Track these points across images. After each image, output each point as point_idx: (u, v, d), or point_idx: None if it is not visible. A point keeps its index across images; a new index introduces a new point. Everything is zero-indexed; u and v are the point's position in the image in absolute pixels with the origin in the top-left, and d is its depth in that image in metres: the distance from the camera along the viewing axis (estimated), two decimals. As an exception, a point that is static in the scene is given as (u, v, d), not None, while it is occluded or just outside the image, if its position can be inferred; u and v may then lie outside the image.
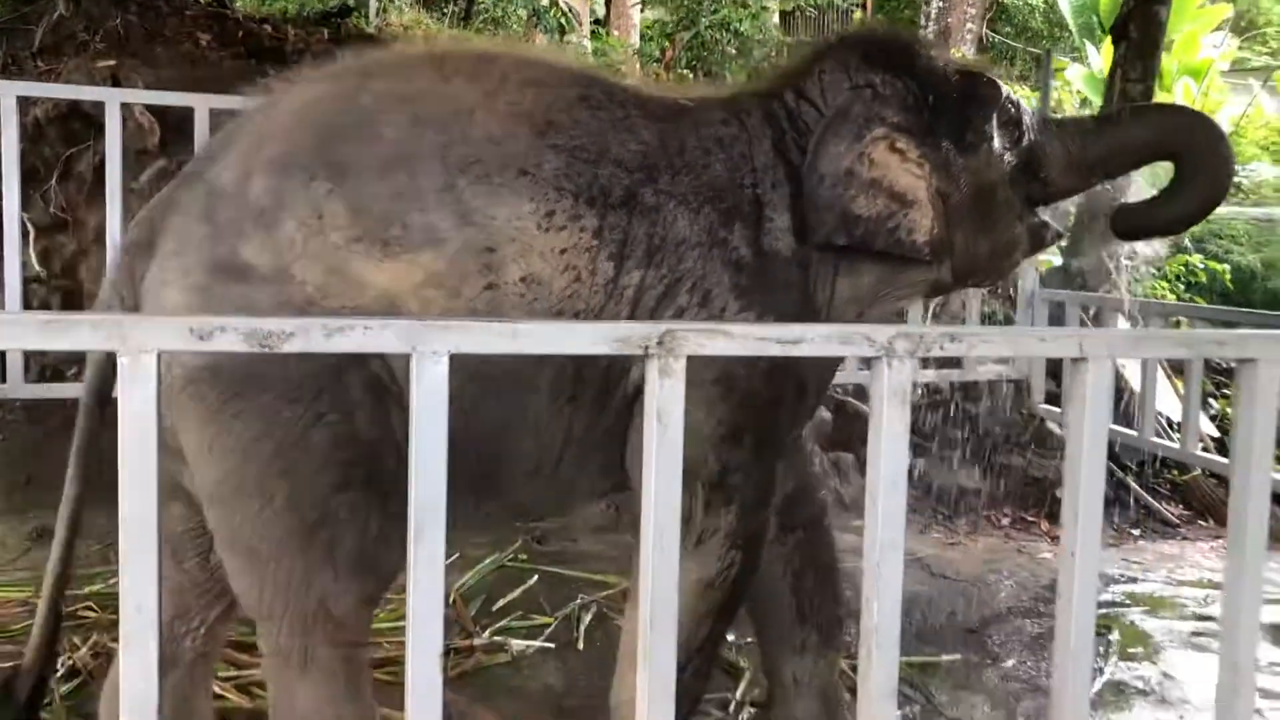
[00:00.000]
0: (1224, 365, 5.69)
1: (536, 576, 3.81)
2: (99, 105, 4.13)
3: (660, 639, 1.58)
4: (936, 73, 2.37)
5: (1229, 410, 5.67)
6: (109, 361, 1.91)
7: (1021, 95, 2.37)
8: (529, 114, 2.12)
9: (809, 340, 1.65)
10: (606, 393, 2.15)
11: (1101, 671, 3.31)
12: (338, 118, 2.08)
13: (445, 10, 8.70)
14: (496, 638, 3.25)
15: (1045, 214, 2.54)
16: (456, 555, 4.02)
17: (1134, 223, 2.53)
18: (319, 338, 1.42)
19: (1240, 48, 16.99)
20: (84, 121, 4.71)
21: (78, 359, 4.07)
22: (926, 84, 2.34)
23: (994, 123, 2.37)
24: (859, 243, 2.25)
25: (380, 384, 2.01)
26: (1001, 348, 1.70)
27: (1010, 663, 3.29)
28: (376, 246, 1.98)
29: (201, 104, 4.01)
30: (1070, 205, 2.74)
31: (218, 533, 2.06)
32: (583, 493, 2.49)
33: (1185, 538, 4.96)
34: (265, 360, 1.81)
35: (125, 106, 4.18)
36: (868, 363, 1.74)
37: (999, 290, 5.82)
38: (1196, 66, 14.17)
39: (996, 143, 2.37)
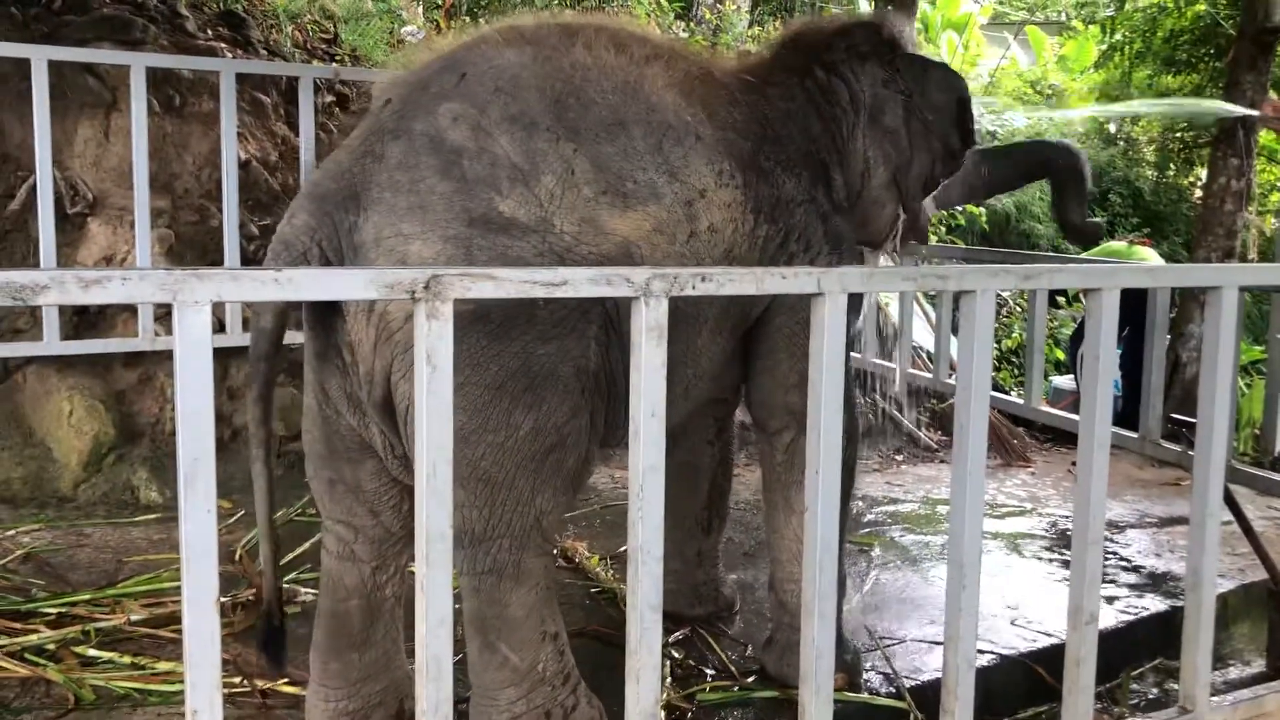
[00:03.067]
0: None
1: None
2: None
3: (435, 574, 1.65)
4: (916, 59, 2.90)
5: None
6: (280, 314, 2.12)
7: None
8: (679, 85, 2.45)
9: (573, 282, 1.74)
10: (741, 323, 2.58)
11: (864, 580, 3.59)
12: (555, 83, 2.28)
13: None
14: (285, 587, 3.24)
15: None
16: (242, 512, 3.98)
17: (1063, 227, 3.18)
18: (75, 290, 1.40)
19: (1000, 2, 18.01)
20: None
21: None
22: (923, 66, 2.87)
23: (956, 115, 2.84)
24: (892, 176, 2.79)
25: (611, 322, 2.26)
26: (748, 285, 1.84)
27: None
28: (619, 199, 2.24)
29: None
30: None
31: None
32: (699, 413, 2.85)
33: (943, 461, 5.37)
34: (525, 304, 2.05)
35: None
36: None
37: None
38: (958, 20, 15.00)
39: (942, 129, 2.84)
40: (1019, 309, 9.23)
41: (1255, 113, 2.95)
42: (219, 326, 4.32)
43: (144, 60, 4.20)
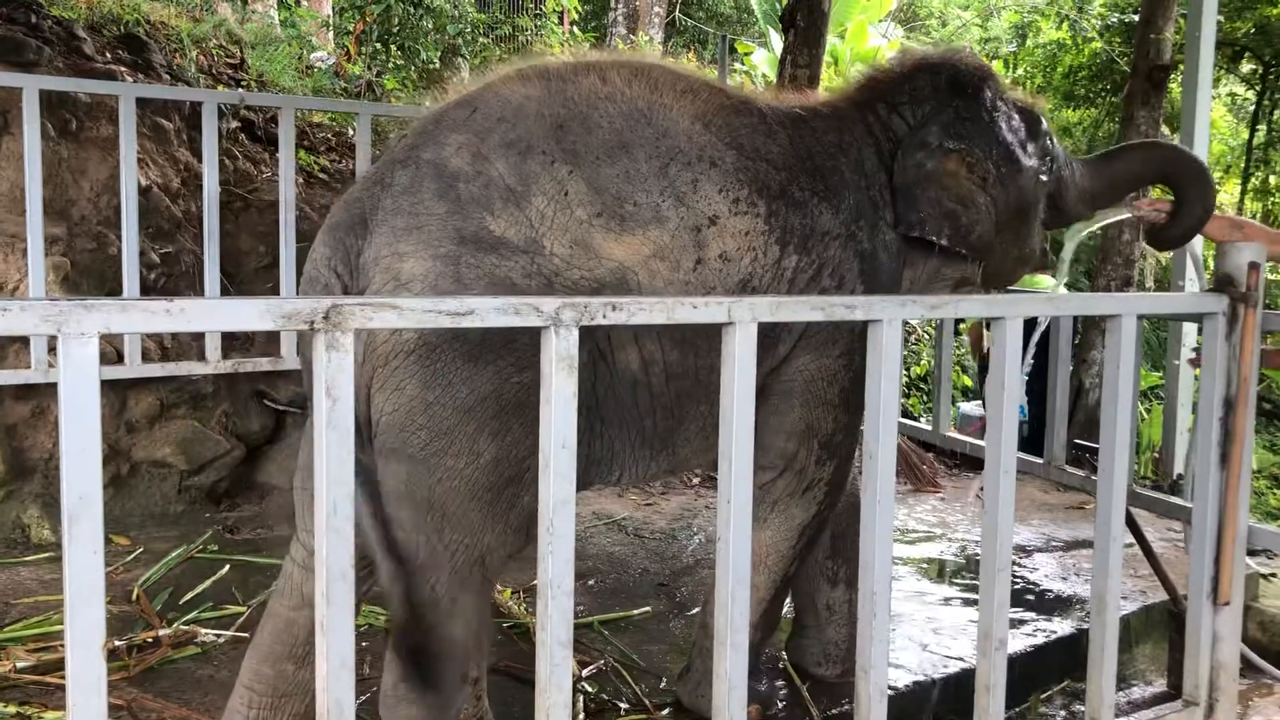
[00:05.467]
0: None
1: (228, 567, 3.70)
2: None
3: (335, 613, 1.60)
4: (1002, 102, 2.77)
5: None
6: None
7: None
8: (700, 114, 2.41)
9: (480, 311, 1.71)
10: (763, 359, 2.36)
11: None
12: (558, 110, 2.28)
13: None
14: (185, 629, 3.13)
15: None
16: (140, 550, 3.85)
17: (1162, 237, 3.01)
18: (-48, 320, 1.34)
19: (907, 36, 18.47)
20: None
21: None
22: (994, 111, 2.74)
23: (1039, 153, 2.81)
24: (927, 234, 2.61)
25: (602, 355, 2.26)
26: (657, 315, 1.83)
27: (694, 611, 3.50)
28: (615, 221, 2.21)
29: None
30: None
31: (399, 488, 2.16)
32: (715, 453, 2.67)
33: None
34: (504, 329, 1.97)
35: None
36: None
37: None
38: (866, 54, 15.31)
39: (1037, 170, 2.81)
40: (927, 336, 9.40)
41: (1127, 214, 3.04)
42: (117, 357, 4.18)
43: (37, 82, 4.06)
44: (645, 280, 2.22)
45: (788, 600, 3.01)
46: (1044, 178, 2.84)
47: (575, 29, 11.83)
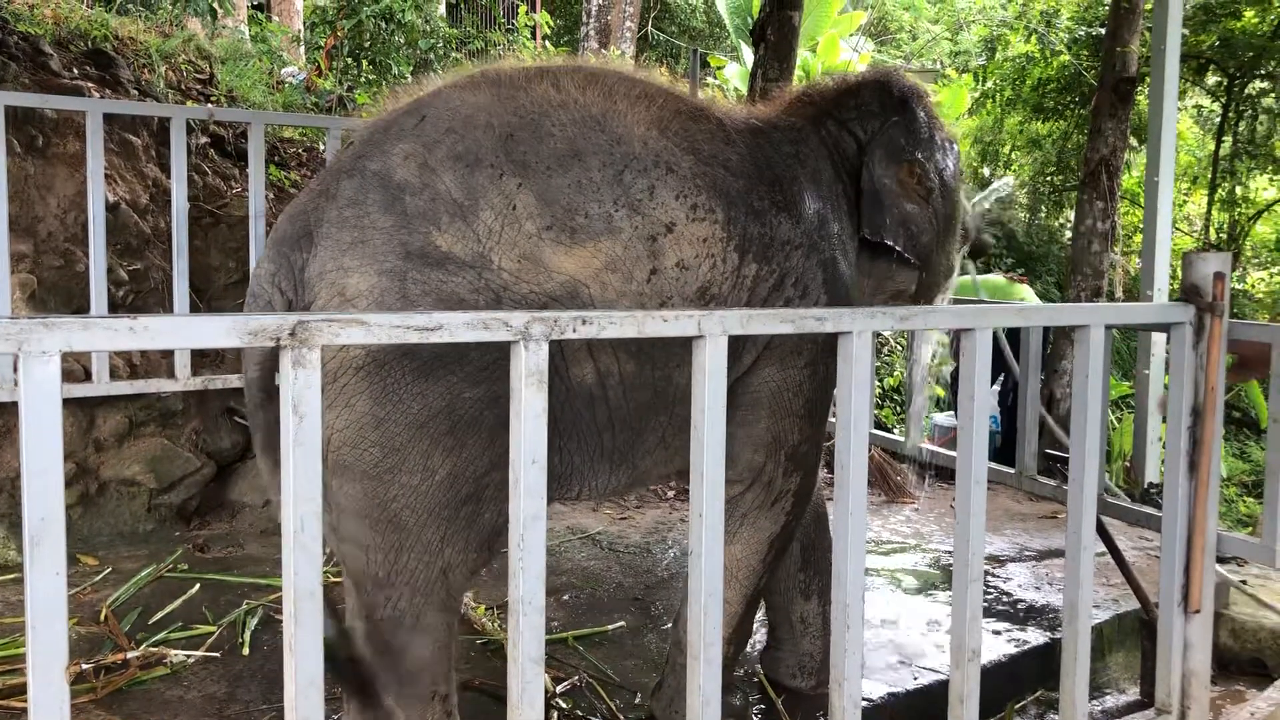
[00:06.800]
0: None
1: (198, 586, 3.65)
2: None
3: (303, 633, 1.58)
4: (935, 120, 2.86)
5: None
6: (270, 358, 2.10)
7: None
8: (656, 120, 2.37)
9: (448, 326, 1.70)
10: (729, 369, 2.33)
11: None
12: (508, 118, 2.23)
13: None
14: (153, 650, 3.09)
15: None
16: (109, 570, 3.80)
17: None
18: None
19: (877, 51, 18.58)
20: None
21: None
22: (931, 127, 2.83)
23: (958, 172, 2.88)
24: (887, 239, 2.69)
25: (559, 373, 2.21)
26: (627, 328, 1.82)
27: (669, 625, 3.49)
28: (565, 234, 2.16)
29: None
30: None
31: (354, 506, 2.15)
32: (676, 464, 2.63)
33: (830, 499, 5.42)
34: (454, 345, 1.94)
35: None
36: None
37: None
38: (837, 67, 15.40)
39: (959, 187, 2.88)
40: (899, 347, 9.44)
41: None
42: (85, 375, 4.14)
43: (2, 99, 4.02)
44: (597, 293, 2.18)
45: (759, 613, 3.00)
46: (962, 195, 2.95)
47: (548, 44, 11.83)
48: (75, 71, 5.17)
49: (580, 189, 2.20)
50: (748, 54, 11.81)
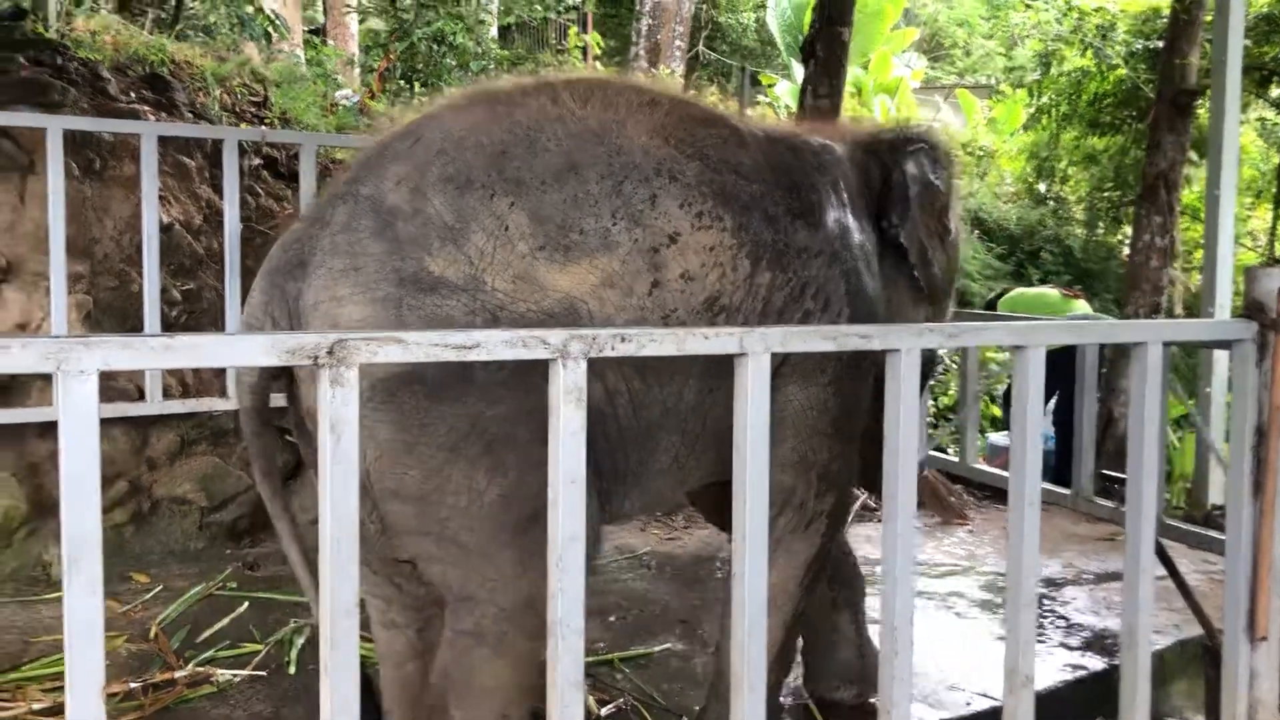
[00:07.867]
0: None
1: (248, 604, 3.67)
2: None
3: (339, 655, 1.57)
4: (956, 178, 2.99)
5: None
6: (259, 387, 2.10)
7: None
8: (659, 127, 2.31)
9: (486, 345, 1.68)
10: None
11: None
12: (501, 136, 2.19)
13: (142, 14, 8.21)
14: (200, 668, 3.10)
15: None
16: (160, 587, 3.83)
17: None
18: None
19: (931, 67, 18.45)
20: None
21: None
22: (952, 178, 2.93)
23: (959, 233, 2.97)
24: (903, 241, 2.75)
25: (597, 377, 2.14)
26: (668, 346, 1.80)
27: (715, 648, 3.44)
28: (559, 252, 2.11)
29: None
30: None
31: (410, 525, 2.14)
32: (690, 484, 2.59)
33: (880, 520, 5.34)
34: (461, 365, 1.92)
35: None
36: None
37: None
38: (890, 85, 15.33)
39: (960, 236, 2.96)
40: (954, 365, 9.32)
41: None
42: (138, 394, 4.19)
43: (60, 123, 4.10)
44: (595, 309, 2.11)
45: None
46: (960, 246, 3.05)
47: (599, 65, 11.90)
48: (132, 95, 5.27)
49: (576, 204, 2.14)
50: (799, 71, 11.77)
